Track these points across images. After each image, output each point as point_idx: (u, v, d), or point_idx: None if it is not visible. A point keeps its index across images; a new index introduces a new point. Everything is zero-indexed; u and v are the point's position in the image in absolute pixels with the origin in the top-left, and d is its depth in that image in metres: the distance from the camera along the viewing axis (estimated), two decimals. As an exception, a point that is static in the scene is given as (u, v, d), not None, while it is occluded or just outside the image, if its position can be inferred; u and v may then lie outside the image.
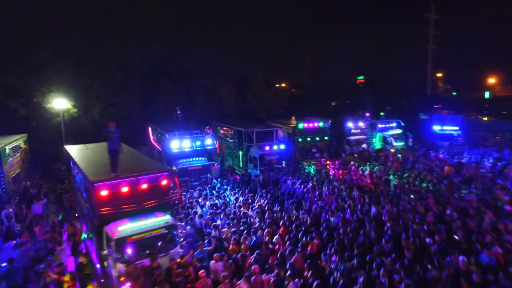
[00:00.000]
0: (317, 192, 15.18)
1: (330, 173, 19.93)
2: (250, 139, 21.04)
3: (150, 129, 24.37)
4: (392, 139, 27.44)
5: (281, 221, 11.86)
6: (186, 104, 30.24)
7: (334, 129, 29.85)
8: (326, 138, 24.87)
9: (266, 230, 11.29)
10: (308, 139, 24.15)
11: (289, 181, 17.50)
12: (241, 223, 12.18)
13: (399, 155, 24.19)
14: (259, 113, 33.66)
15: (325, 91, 45.86)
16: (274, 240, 10.66)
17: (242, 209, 13.37)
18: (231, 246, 10.70)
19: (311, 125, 24.61)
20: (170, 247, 9.85)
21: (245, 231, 11.26)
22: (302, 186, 16.40)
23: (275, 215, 12.53)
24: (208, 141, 18.76)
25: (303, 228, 11.39)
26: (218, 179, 17.57)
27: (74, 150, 14.54)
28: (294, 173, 19.67)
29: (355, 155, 25.98)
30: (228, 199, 14.77)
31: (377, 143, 28.49)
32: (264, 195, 15.10)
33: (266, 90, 34.98)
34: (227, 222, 11.95)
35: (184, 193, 15.64)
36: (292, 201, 13.87)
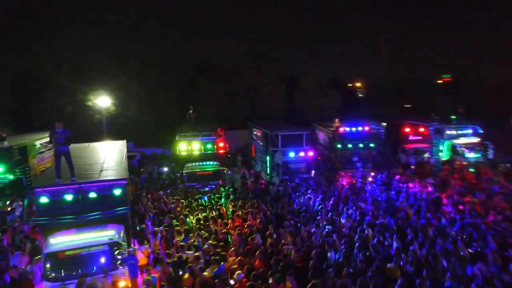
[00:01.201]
0: (330, 215, 12.19)
1: (367, 187, 16.41)
2: (275, 143, 18.66)
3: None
4: (464, 149, 21.96)
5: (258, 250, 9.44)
6: (226, 103, 29.16)
7: (390, 135, 25.50)
8: (372, 145, 20.95)
9: (233, 260, 9.09)
10: (349, 145, 20.61)
11: (309, 195, 14.73)
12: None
13: (471, 170, 19.09)
14: (308, 114, 30.74)
15: (394, 90, 40.42)
16: (236, 276, 8.38)
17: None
18: (186, 275, 8.77)
19: (353, 129, 20.99)
20: (111, 268, 8.41)
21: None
22: (317, 203, 13.55)
23: (257, 241, 10.14)
24: (220, 144, 17.03)
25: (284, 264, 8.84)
26: (226, 187, 15.71)
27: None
28: (320, 186, 16.72)
29: (412, 166, 21.51)
30: (216, 213, 12.81)
31: (444, 154, 23.19)
32: (264, 210, 12.78)
33: (317, 89, 31.86)
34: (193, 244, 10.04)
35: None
36: (288, 223, 11.24)
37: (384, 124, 26.24)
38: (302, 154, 18.08)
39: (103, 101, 24.50)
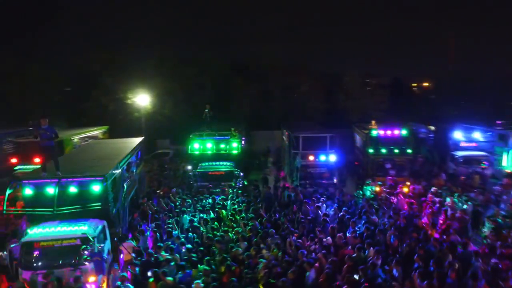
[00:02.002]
0: (330, 227, 10.85)
1: (392, 200, 14.46)
2: (295, 145, 17.58)
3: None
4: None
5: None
6: (261, 103, 28.56)
7: (439, 140, 22.50)
8: (409, 150, 18.51)
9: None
10: (383, 150, 18.45)
11: (318, 203, 13.45)
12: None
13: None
14: (351, 115, 28.69)
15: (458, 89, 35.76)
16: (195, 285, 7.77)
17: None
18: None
19: (389, 132, 18.76)
20: (81, 262, 8.47)
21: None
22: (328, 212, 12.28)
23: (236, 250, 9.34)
24: (234, 145, 16.49)
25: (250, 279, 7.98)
26: (234, 190, 15.12)
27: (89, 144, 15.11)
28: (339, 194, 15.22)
29: (462, 177, 18.61)
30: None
31: (508, 164, 19.59)
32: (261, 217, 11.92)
33: (362, 88, 29.55)
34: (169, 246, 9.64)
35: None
36: (276, 236, 10.23)
37: (432, 127, 23.20)
38: (323, 158, 16.69)
39: (142, 100, 25.78)
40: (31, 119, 18.90)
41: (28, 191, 9.03)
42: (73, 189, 9.20)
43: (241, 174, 16.02)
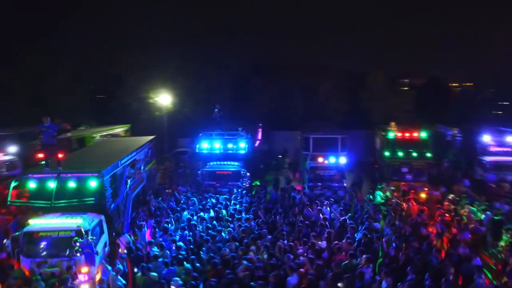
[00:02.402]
0: (327, 231, 10.49)
1: (403, 206, 13.71)
2: (306, 146, 17.24)
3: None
4: None
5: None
6: (281, 103, 28.31)
7: (467, 143, 21.06)
8: (428, 154, 17.44)
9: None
10: (400, 153, 17.54)
11: (326, 207, 13.07)
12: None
13: None
14: (374, 116, 27.63)
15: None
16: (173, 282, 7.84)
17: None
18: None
19: (407, 134, 17.84)
20: (74, 253, 8.90)
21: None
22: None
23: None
24: (242, 145, 16.47)
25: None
26: (239, 189, 15.09)
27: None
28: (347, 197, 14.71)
29: (490, 184, 17.27)
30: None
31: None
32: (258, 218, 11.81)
33: (387, 87, 28.23)
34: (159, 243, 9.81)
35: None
36: (269, 237, 10.05)
37: (456, 129, 21.73)
38: (333, 160, 16.20)
39: (163, 99, 26.58)
40: (61, 117, 20.15)
41: (31, 184, 9.66)
42: (71, 184, 9.69)
43: (248, 174, 15.94)
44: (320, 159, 16.32)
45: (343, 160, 16.39)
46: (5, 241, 9.26)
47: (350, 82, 29.51)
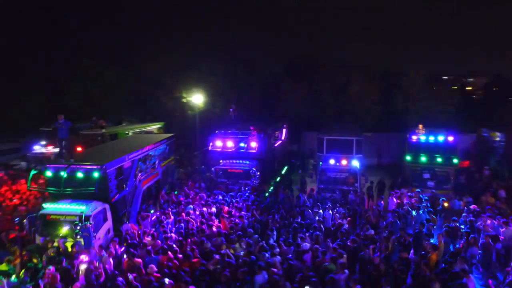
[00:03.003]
0: (315, 235, 10.37)
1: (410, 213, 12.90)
2: (320, 148, 16.97)
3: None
4: None
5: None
6: (312, 103, 27.90)
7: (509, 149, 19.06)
8: (455, 160, 16.06)
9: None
10: (423, 158, 16.44)
11: (328, 210, 12.86)
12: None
13: None
14: (409, 118, 26.02)
15: None
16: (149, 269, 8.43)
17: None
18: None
19: (431, 138, 16.63)
20: (75, 236, 10.04)
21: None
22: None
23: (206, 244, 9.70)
24: (253, 144, 16.71)
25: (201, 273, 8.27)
26: (246, 188, 15.38)
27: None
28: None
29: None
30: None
31: None
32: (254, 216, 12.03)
33: (426, 88, 26.21)
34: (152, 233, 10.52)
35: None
36: (255, 236, 10.22)
37: (497, 134, 19.60)
38: (345, 162, 15.73)
39: (197, 99, 27.86)
40: (96, 115, 22.31)
41: (48, 173, 11.04)
42: (79, 174, 10.88)
43: (258, 173, 16.17)
44: (331, 161, 15.97)
45: (355, 163, 15.84)
46: (24, 220, 10.72)
47: (385, 82, 28.02)
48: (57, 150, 19.68)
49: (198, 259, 9.02)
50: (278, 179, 19.26)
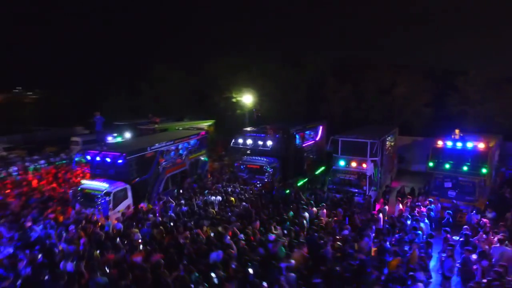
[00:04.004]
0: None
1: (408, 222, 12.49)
2: (335, 149, 17.17)
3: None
4: None
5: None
6: (354, 104, 27.34)
7: None
8: (484, 170, 14.55)
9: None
10: (447, 165, 15.32)
11: (322, 209, 13.39)
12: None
13: None
14: (467, 122, 23.63)
15: None
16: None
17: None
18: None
19: (459, 145, 15.33)
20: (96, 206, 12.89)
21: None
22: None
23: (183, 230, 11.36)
24: (269, 143, 17.75)
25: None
26: (257, 182, 16.58)
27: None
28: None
29: None
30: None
31: None
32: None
33: (487, 89, 23.11)
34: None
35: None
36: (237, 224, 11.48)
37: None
38: (355, 164, 15.73)
39: (246, 99, 29.92)
40: (173, 113, 26.07)
41: (87, 157, 14.21)
42: (107, 159, 13.74)
43: (271, 170, 17.26)
44: (342, 163, 16.11)
45: (366, 165, 15.67)
46: (70, 191, 14.03)
47: (439, 83, 25.61)
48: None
49: (176, 234, 10.81)
50: (305, 178, 19.88)
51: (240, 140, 18.80)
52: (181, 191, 16.07)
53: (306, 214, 12.88)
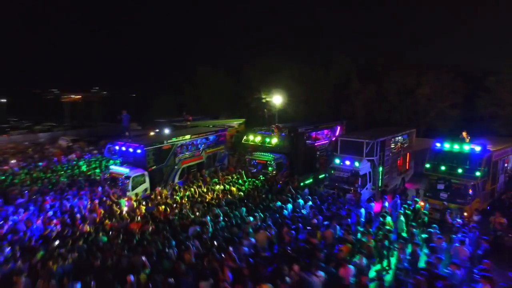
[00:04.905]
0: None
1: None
2: (336, 148, 18.11)
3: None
4: None
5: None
6: (376, 105, 27.28)
7: None
8: (478, 173, 14.38)
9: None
10: (442, 167, 15.40)
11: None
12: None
13: None
14: (498, 124, 22.46)
15: None
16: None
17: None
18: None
19: (456, 147, 15.29)
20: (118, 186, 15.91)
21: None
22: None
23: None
24: (273, 140, 19.26)
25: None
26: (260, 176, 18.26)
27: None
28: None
29: None
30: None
31: None
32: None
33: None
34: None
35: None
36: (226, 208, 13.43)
37: None
38: (348, 162, 16.59)
39: (276, 99, 31.63)
40: (212, 111, 29.10)
41: (116, 147, 17.38)
42: (130, 150, 16.71)
43: (274, 165, 18.86)
44: (337, 161, 17.03)
45: (362, 164, 16.41)
46: (101, 175, 17.32)
47: (468, 83, 24.25)
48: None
49: (167, 213, 13.18)
50: (320, 175, 20.94)
51: (251, 137, 20.68)
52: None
53: (289, 205, 14.30)
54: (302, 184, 18.60)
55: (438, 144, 15.91)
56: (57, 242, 10.50)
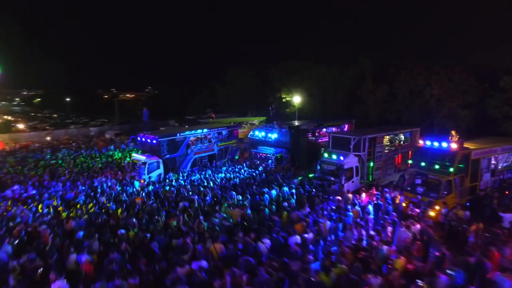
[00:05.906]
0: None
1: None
2: (329, 144, 19.61)
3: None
4: None
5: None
6: (386, 105, 27.66)
7: None
8: (451, 170, 15.06)
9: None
10: (422, 163, 16.28)
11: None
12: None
13: None
14: (506, 125, 22.04)
15: None
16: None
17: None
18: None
19: (436, 144, 16.08)
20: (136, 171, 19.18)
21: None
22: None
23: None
24: (274, 136, 21.21)
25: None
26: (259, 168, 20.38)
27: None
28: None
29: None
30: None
31: None
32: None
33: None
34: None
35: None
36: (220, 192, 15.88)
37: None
38: (334, 157, 18.05)
39: (296, 99, 33.40)
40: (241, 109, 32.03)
41: (138, 139, 20.72)
42: (148, 141, 19.92)
43: (273, 157, 20.89)
44: (326, 155, 18.55)
45: (348, 159, 17.76)
46: (125, 163, 20.75)
47: (481, 83, 23.57)
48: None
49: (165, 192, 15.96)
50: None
51: (257, 133, 22.91)
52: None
53: (273, 192, 16.29)
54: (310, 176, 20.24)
55: (421, 142, 16.77)
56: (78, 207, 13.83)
